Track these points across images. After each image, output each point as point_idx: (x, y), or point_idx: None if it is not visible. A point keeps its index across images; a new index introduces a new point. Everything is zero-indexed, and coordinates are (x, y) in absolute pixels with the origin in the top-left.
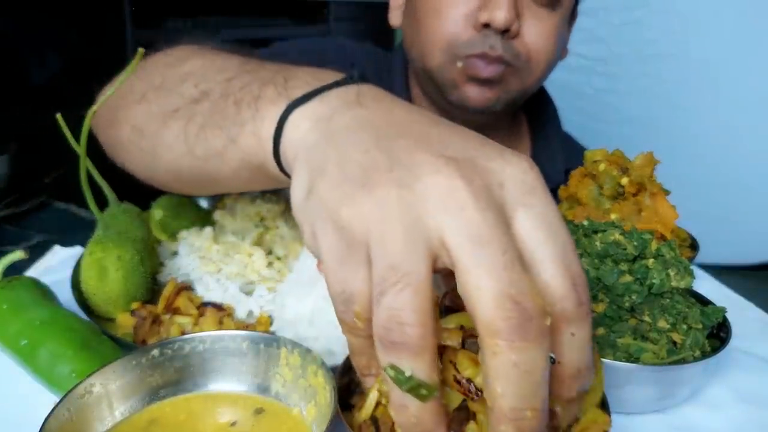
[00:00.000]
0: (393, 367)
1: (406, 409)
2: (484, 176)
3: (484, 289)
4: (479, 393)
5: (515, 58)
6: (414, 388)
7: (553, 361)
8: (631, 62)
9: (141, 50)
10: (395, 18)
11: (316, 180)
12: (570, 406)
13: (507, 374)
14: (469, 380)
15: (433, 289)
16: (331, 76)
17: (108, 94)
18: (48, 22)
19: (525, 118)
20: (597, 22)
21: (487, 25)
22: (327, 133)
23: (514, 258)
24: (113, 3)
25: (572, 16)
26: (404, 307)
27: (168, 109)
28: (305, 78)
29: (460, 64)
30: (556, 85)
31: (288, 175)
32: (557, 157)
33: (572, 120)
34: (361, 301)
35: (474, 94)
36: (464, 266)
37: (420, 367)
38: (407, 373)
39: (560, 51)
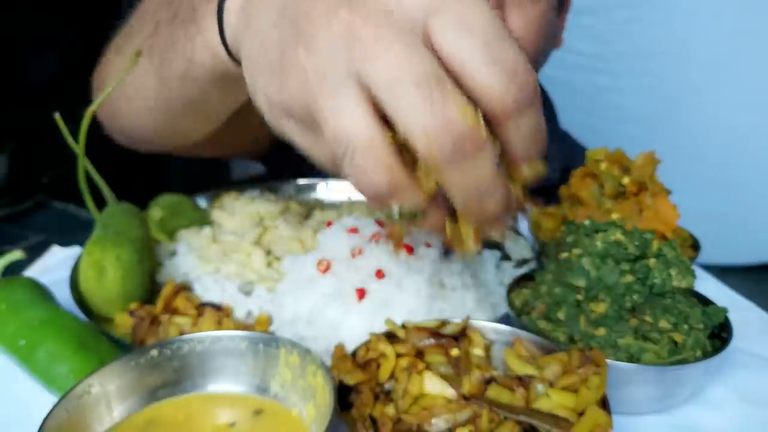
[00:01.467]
0: (386, 210)
1: (395, 233)
2: (379, 6)
3: (412, 129)
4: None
5: None
6: (409, 215)
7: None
8: (632, 60)
9: (139, 50)
10: None
11: (252, 72)
12: (531, 167)
13: (460, 189)
14: None
15: (383, 136)
16: None
17: (105, 93)
18: (46, 22)
19: None
20: (598, 20)
21: None
22: (247, 17)
23: (433, 83)
24: (112, 2)
25: (562, 3)
26: (361, 173)
27: (133, 49)
28: None
29: None
30: (556, 82)
31: (235, 60)
32: (554, 156)
33: (573, 118)
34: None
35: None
36: (392, 111)
37: (403, 204)
38: (400, 209)
39: (550, 41)
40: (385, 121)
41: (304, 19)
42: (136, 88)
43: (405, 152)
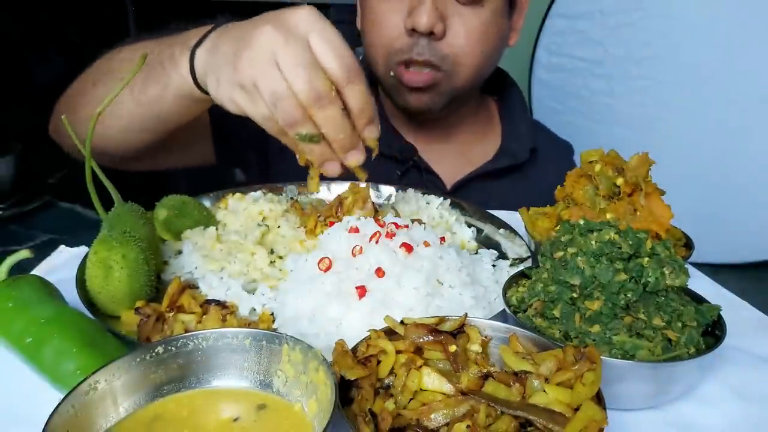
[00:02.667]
0: (296, 133)
1: (312, 150)
2: (286, 23)
3: (298, 85)
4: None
5: (442, 60)
6: (309, 138)
7: None
8: (627, 64)
9: (144, 52)
10: (359, 23)
11: (217, 73)
12: (371, 131)
13: (325, 123)
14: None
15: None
16: (208, 27)
17: (112, 95)
18: (52, 24)
19: (496, 106)
20: (593, 25)
21: (414, 30)
22: (213, 52)
23: (311, 65)
24: (116, 4)
25: (512, 4)
26: (282, 111)
27: (115, 83)
28: (195, 34)
29: (392, 73)
30: (552, 86)
31: (205, 92)
32: (523, 138)
33: (569, 121)
34: (271, 117)
35: (411, 99)
36: (288, 78)
37: (306, 129)
38: (303, 132)
39: (500, 41)
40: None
41: (246, 35)
42: (114, 113)
43: None
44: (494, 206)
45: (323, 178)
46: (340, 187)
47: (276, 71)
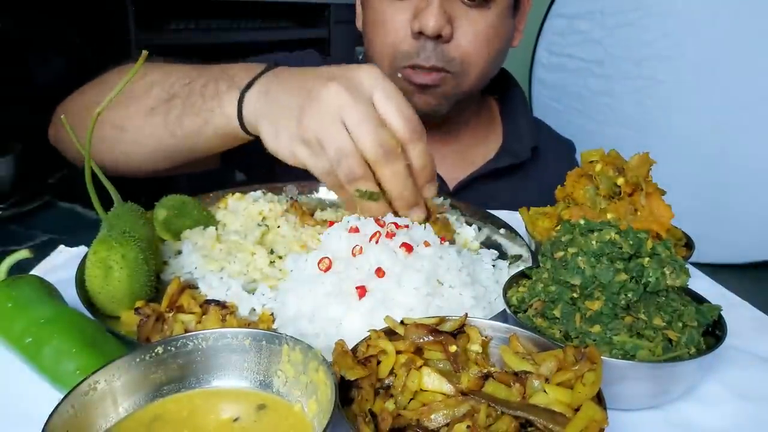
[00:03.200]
0: (356, 190)
1: (370, 208)
2: (351, 81)
3: (366, 143)
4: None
5: (449, 63)
6: (369, 195)
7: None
8: (627, 64)
9: (145, 53)
10: (359, 23)
11: (276, 124)
12: (429, 189)
13: (391, 179)
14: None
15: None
16: (258, 67)
17: (112, 95)
18: (52, 24)
19: (497, 106)
20: (593, 25)
21: (421, 33)
22: (268, 100)
23: (378, 122)
24: (117, 5)
25: (517, 6)
26: (346, 168)
27: (145, 109)
28: (243, 72)
29: (399, 75)
30: (552, 86)
31: (249, 134)
32: (524, 137)
33: (569, 121)
34: (332, 171)
35: (416, 100)
36: (355, 135)
37: (367, 185)
38: (363, 189)
39: (505, 42)
40: None
41: (309, 89)
42: (141, 141)
43: None
44: (496, 206)
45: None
46: None
47: (343, 128)
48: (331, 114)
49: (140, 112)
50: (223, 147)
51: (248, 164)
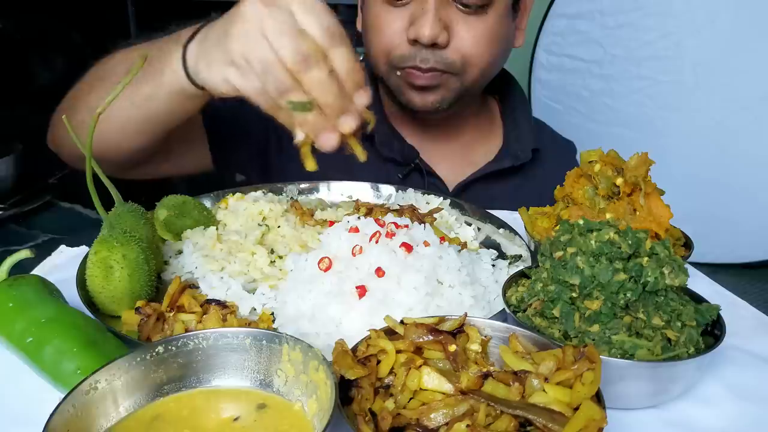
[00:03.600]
0: (288, 102)
1: (306, 121)
2: (270, 2)
3: (285, 52)
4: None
5: (449, 66)
6: (302, 106)
7: None
8: (626, 64)
9: (145, 53)
10: (359, 25)
11: (208, 58)
12: (360, 96)
13: (313, 86)
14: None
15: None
16: (198, 25)
17: (112, 95)
18: (52, 24)
19: (498, 105)
20: (593, 25)
21: (416, 41)
22: (203, 43)
23: (295, 31)
24: (117, 5)
25: (516, 8)
26: (273, 80)
27: (110, 86)
28: (187, 32)
29: (399, 74)
30: (552, 86)
31: (198, 86)
32: (525, 138)
33: (568, 121)
34: (263, 89)
35: (416, 99)
36: (275, 46)
37: (296, 96)
38: (295, 100)
39: (506, 43)
40: None
41: (232, 14)
42: (109, 115)
43: None
44: (496, 207)
45: (317, 153)
46: (342, 187)
47: (265, 41)
48: (252, 29)
49: (105, 91)
50: (182, 109)
51: (240, 164)
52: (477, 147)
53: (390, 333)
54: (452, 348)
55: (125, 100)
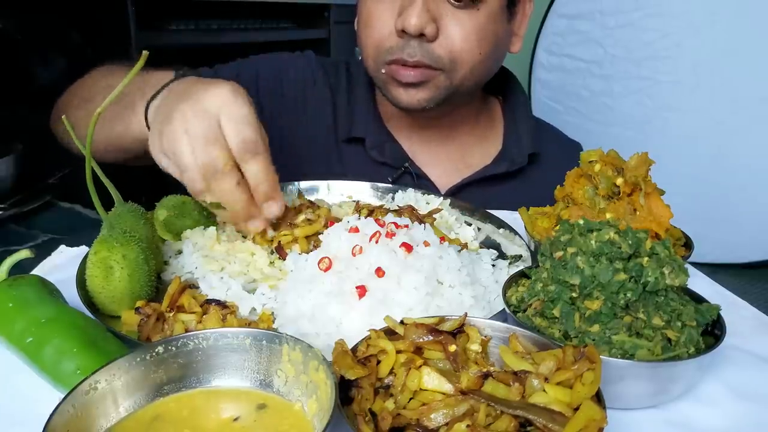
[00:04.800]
0: (202, 200)
1: (222, 215)
2: (201, 102)
3: (198, 160)
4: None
5: (436, 60)
6: (216, 205)
7: None
8: (626, 64)
9: (145, 53)
10: (356, 23)
11: (153, 134)
12: (269, 206)
13: (220, 195)
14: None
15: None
16: (168, 77)
17: (113, 95)
18: (53, 24)
19: (501, 106)
20: (593, 25)
21: (405, 31)
22: (156, 113)
23: (211, 140)
24: (117, 5)
25: (512, 11)
26: (189, 178)
27: (92, 112)
28: (155, 82)
29: (383, 70)
30: (552, 86)
31: None
32: (523, 142)
33: (568, 121)
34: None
35: (403, 96)
36: (194, 150)
37: (209, 197)
38: (207, 200)
39: (500, 45)
40: None
41: (171, 111)
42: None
43: None
44: (493, 209)
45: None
46: (342, 187)
47: (188, 144)
48: (179, 130)
49: (89, 115)
50: (142, 147)
51: None
52: (474, 150)
53: (390, 333)
54: (452, 348)
55: (103, 129)
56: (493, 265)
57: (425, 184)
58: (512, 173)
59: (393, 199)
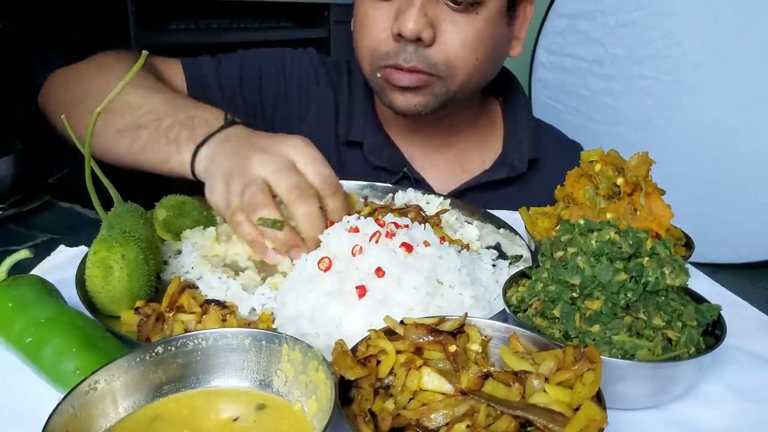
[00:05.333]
0: (259, 218)
1: (277, 237)
2: (277, 153)
3: (281, 185)
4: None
5: (432, 67)
6: (271, 222)
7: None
8: (627, 63)
9: (145, 53)
10: (352, 24)
11: (212, 183)
12: (334, 211)
13: (303, 219)
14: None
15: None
16: (217, 120)
17: (114, 93)
18: (52, 24)
19: (501, 108)
20: (593, 24)
21: (401, 36)
22: (213, 162)
23: (294, 171)
24: (117, 5)
25: (512, 14)
26: (251, 194)
27: (116, 127)
28: (204, 125)
29: (379, 75)
30: (553, 86)
31: (196, 179)
32: (523, 147)
33: (569, 121)
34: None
35: (399, 100)
36: (272, 181)
37: (268, 213)
38: (266, 216)
39: (499, 49)
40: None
41: (243, 157)
42: (110, 148)
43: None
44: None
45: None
46: (343, 186)
47: (261, 175)
48: (257, 169)
49: (111, 128)
50: (172, 176)
51: None
52: (473, 155)
53: (390, 333)
54: (452, 348)
55: (128, 152)
56: (494, 265)
57: (424, 189)
58: (512, 179)
59: (393, 199)
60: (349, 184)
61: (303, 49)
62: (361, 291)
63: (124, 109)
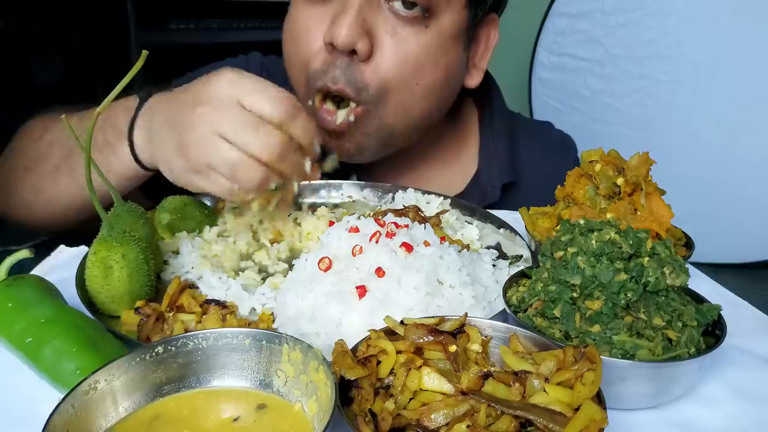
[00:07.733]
0: (268, 191)
1: (274, 195)
2: (213, 95)
3: (254, 148)
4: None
5: (360, 91)
6: (276, 187)
7: None
8: (628, 63)
9: (145, 52)
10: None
11: (167, 160)
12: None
13: (291, 171)
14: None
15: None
16: (132, 103)
17: (111, 96)
18: (53, 24)
19: (478, 112)
20: (593, 24)
21: (333, 46)
22: (152, 141)
23: (252, 123)
24: (117, 5)
25: (471, 36)
26: (247, 175)
27: (51, 168)
28: (122, 115)
29: (311, 102)
30: (553, 86)
31: (150, 169)
32: (495, 172)
33: (569, 121)
34: (232, 188)
35: (333, 145)
36: (240, 144)
37: (274, 182)
38: (273, 186)
39: (442, 77)
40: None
41: (182, 120)
42: (54, 197)
43: None
44: None
45: None
46: (342, 186)
47: (223, 143)
48: (207, 135)
49: (47, 173)
50: (135, 184)
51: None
52: (443, 175)
53: (390, 333)
54: (452, 348)
55: (72, 184)
56: (494, 265)
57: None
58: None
59: (393, 199)
60: (353, 184)
61: (244, 56)
62: (361, 291)
63: (50, 146)
